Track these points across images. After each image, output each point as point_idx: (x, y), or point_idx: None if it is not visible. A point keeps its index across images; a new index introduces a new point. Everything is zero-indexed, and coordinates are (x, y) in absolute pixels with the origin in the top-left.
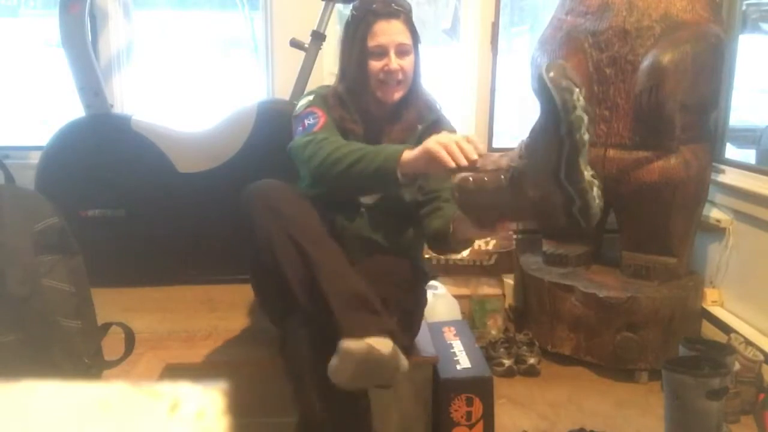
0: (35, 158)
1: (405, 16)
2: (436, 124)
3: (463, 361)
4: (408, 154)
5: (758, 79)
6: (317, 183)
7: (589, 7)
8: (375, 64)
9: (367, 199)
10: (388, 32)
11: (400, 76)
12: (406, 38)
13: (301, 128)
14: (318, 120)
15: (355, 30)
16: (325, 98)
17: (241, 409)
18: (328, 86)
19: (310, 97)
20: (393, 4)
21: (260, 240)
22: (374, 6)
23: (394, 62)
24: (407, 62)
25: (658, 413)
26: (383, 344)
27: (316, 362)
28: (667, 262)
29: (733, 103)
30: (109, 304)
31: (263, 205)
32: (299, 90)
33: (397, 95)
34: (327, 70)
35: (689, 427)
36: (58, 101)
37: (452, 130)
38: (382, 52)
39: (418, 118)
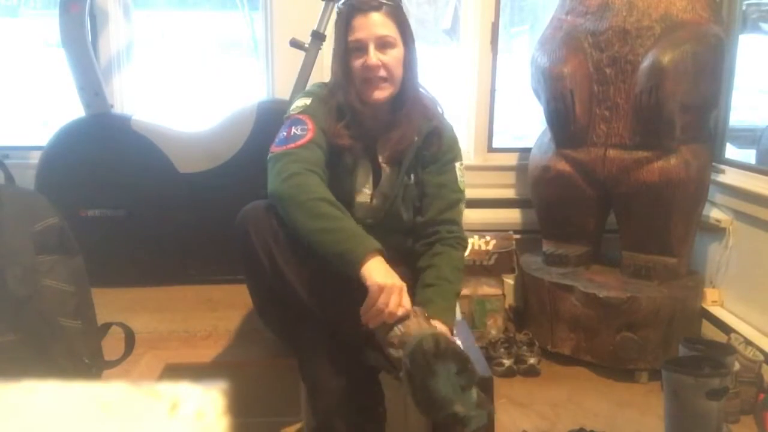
0: (35, 158)
1: (388, 8)
2: (433, 135)
3: None
4: (370, 267)
5: (758, 79)
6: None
7: (589, 7)
8: (356, 62)
9: (367, 219)
10: (366, 26)
11: (382, 72)
12: (387, 30)
13: (285, 134)
14: (306, 133)
15: (338, 28)
16: (323, 104)
17: (241, 409)
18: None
19: (308, 101)
20: None
21: (264, 262)
22: (356, 1)
23: (373, 56)
24: (390, 57)
25: (658, 413)
26: None
27: (333, 369)
28: (667, 262)
29: (733, 103)
30: (109, 304)
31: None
32: (299, 90)
33: (381, 94)
34: (327, 70)
35: (689, 427)
36: (58, 101)
37: (453, 138)
38: (361, 48)
39: (415, 127)
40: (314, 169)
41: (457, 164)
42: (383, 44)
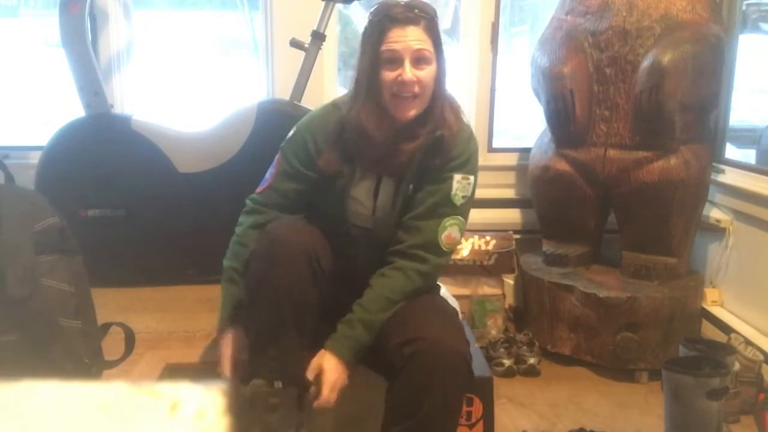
0: (35, 158)
1: (427, 22)
2: (436, 145)
3: None
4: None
5: (758, 79)
6: None
7: (589, 7)
8: (388, 74)
9: (367, 232)
10: (403, 38)
11: (416, 89)
12: (425, 45)
13: (267, 173)
14: (269, 177)
15: (369, 37)
16: (312, 135)
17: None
18: (336, 106)
19: (292, 133)
20: (415, 9)
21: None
22: (391, 11)
23: (409, 72)
24: (425, 73)
25: (658, 413)
26: None
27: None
28: (667, 262)
29: (733, 103)
30: (109, 304)
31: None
32: (299, 90)
33: (412, 112)
34: (327, 70)
35: (689, 427)
36: (58, 101)
37: (461, 148)
38: (395, 60)
39: (428, 139)
40: (250, 221)
41: (458, 175)
42: (419, 59)
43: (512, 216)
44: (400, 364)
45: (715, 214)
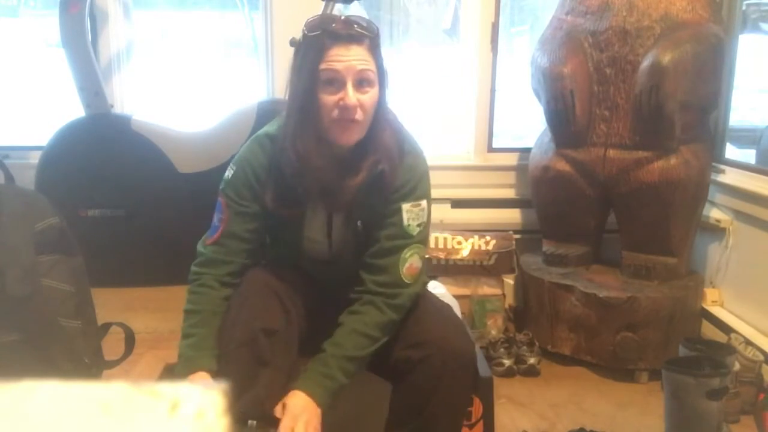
0: (35, 158)
1: (370, 41)
2: (379, 179)
3: None
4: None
5: (758, 79)
6: None
7: (589, 7)
8: (327, 98)
9: (324, 268)
10: (345, 58)
11: (359, 115)
12: (368, 66)
13: (213, 221)
14: (220, 223)
15: (305, 54)
16: (253, 171)
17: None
18: (270, 136)
19: (230, 173)
20: (356, 26)
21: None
22: (331, 26)
23: (352, 96)
24: (368, 97)
25: (658, 413)
26: None
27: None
28: (667, 262)
29: (733, 103)
30: (109, 304)
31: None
32: None
33: (351, 138)
34: None
35: (689, 427)
36: (58, 101)
37: (406, 176)
38: (336, 81)
39: (370, 174)
40: (213, 273)
41: (406, 205)
42: (362, 81)
43: (512, 216)
44: (408, 367)
45: (715, 214)
